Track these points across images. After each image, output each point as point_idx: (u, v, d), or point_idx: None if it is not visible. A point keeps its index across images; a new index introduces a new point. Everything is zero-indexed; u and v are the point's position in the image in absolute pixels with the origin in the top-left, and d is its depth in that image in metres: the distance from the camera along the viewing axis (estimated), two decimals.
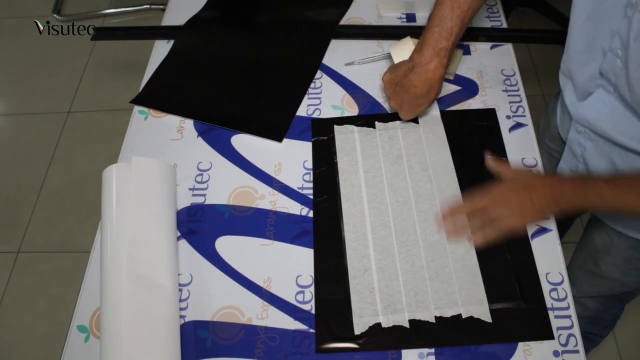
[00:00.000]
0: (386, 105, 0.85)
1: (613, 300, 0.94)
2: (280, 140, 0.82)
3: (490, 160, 0.73)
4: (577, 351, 0.62)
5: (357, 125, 0.82)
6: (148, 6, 2.18)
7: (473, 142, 0.79)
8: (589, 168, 0.76)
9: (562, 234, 1.11)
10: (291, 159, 0.80)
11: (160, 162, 0.72)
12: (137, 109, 0.88)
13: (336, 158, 0.79)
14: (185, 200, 0.77)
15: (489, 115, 0.82)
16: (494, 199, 0.69)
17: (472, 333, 0.63)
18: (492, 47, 0.91)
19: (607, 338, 1.33)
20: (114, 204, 0.66)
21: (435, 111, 0.82)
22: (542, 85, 1.81)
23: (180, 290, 0.69)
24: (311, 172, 0.78)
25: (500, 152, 0.77)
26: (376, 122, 0.82)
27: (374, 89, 0.87)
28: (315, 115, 0.85)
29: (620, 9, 0.59)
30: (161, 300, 0.63)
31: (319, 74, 0.90)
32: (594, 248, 0.86)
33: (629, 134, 0.66)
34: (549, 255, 0.69)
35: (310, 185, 0.77)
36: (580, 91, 0.72)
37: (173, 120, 0.86)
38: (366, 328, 0.64)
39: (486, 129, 0.80)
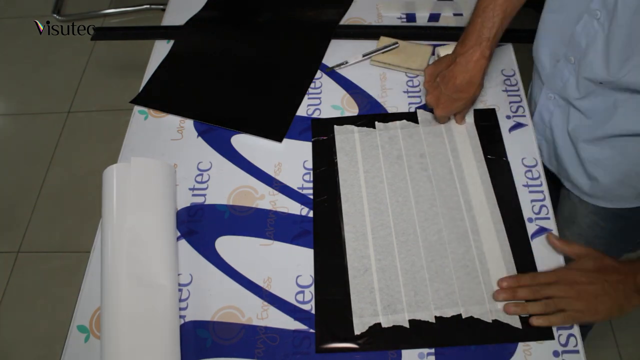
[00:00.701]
0: (385, 104, 0.85)
1: None
2: (280, 140, 0.82)
3: (553, 240, 0.67)
4: (577, 351, 0.62)
5: (357, 125, 0.82)
6: (148, 6, 2.18)
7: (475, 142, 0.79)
8: (554, 134, 0.77)
9: None
10: (291, 159, 0.80)
11: (160, 162, 0.72)
12: (137, 109, 0.88)
13: (336, 158, 0.79)
14: (185, 200, 0.77)
15: (489, 115, 0.82)
16: (562, 282, 0.62)
17: (472, 333, 0.63)
18: None
19: (608, 340, 1.33)
20: (114, 204, 0.66)
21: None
22: None
23: (180, 290, 0.69)
24: (311, 172, 0.78)
25: (500, 152, 0.77)
26: (376, 122, 0.82)
27: (374, 89, 0.87)
28: (315, 115, 0.85)
29: None
30: (161, 300, 0.63)
31: (319, 74, 0.90)
32: (561, 218, 0.86)
33: (592, 102, 0.67)
34: (549, 255, 0.68)
35: (310, 185, 0.77)
36: (550, 58, 0.73)
37: (173, 120, 0.86)
38: (366, 328, 0.64)
39: (486, 129, 0.80)
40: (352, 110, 0.85)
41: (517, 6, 0.74)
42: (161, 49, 0.96)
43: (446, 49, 0.84)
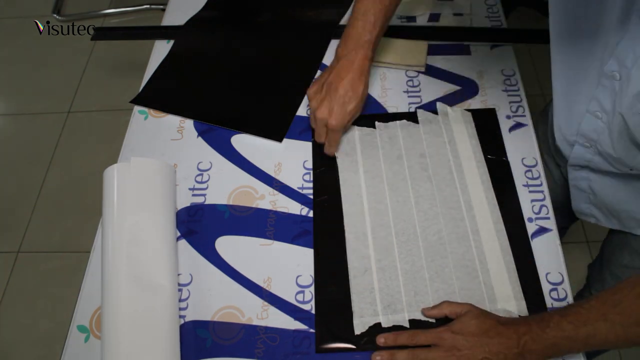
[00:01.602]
0: (385, 104, 0.84)
1: None
2: (280, 140, 0.82)
3: (428, 312, 0.64)
4: None
5: (357, 125, 0.82)
6: (148, 6, 2.18)
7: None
8: (602, 198, 0.75)
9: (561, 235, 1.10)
10: (291, 159, 0.80)
11: (160, 162, 0.72)
12: (137, 109, 0.88)
13: (336, 158, 0.79)
14: (185, 200, 0.77)
15: (489, 115, 0.82)
16: (441, 346, 0.58)
17: None
18: (492, 47, 0.91)
19: None
20: (114, 204, 0.67)
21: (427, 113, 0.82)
22: (542, 86, 1.81)
23: (180, 290, 0.69)
24: (311, 172, 0.78)
25: (500, 152, 0.77)
26: (376, 122, 0.82)
27: (374, 89, 0.87)
28: None
29: (595, 77, 0.60)
30: (160, 300, 0.63)
31: (318, 73, 0.90)
32: (615, 264, 0.85)
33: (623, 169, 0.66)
34: (549, 255, 0.69)
35: (310, 185, 0.77)
36: (566, 141, 0.73)
37: (173, 120, 0.86)
38: (366, 328, 0.64)
39: (486, 129, 0.80)
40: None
41: (396, 5, 0.75)
42: (161, 49, 0.96)
43: None
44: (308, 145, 0.81)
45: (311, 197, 0.76)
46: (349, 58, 0.72)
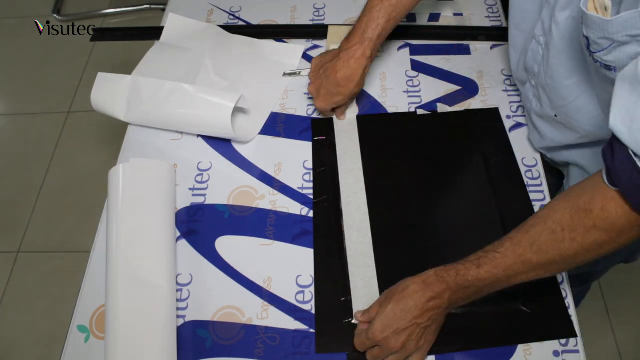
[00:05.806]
0: (385, 104, 0.84)
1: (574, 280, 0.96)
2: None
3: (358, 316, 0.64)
4: (577, 351, 0.62)
5: (357, 125, 0.82)
6: (148, 6, 2.17)
7: (479, 142, 0.79)
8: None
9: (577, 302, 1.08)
10: (291, 159, 0.80)
11: (160, 163, 0.72)
12: None
13: (336, 158, 0.79)
14: (185, 200, 0.77)
15: (493, 115, 0.81)
16: (377, 334, 0.58)
17: (472, 334, 0.63)
18: (492, 47, 0.91)
19: (608, 337, 1.34)
20: (115, 204, 0.67)
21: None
22: None
23: (180, 290, 0.69)
24: (311, 172, 0.78)
25: (506, 151, 0.77)
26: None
27: (374, 89, 0.87)
28: (315, 115, 0.85)
29: None
30: (157, 301, 0.63)
31: None
32: None
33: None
34: None
35: (310, 185, 0.77)
36: (519, 81, 0.76)
37: None
38: None
39: (490, 128, 0.80)
40: (352, 110, 0.85)
41: (404, 12, 0.76)
42: None
43: (333, 33, 0.89)
44: (308, 145, 0.81)
45: (311, 197, 0.76)
46: (348, 53, 0.74)
